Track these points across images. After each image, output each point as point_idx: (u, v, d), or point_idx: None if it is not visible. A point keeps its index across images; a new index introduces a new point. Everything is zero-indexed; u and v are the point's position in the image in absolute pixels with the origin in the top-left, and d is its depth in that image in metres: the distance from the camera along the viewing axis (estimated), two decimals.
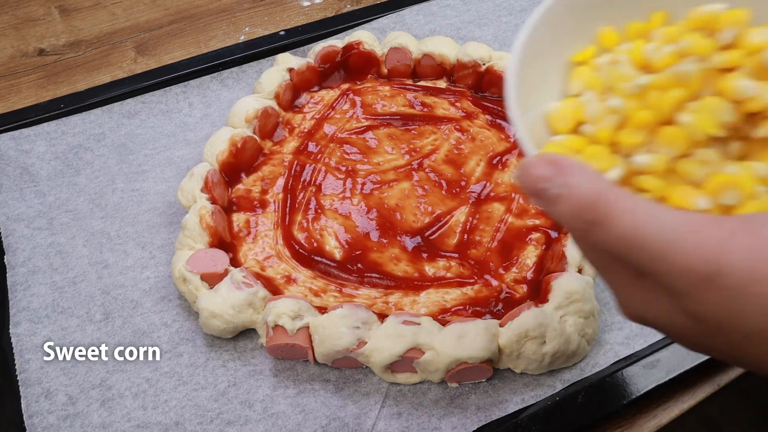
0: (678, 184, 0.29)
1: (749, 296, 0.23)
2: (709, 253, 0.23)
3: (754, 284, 0.23)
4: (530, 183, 0.26)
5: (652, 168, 0.30)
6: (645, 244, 0.24)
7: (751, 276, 0.23)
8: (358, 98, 0.65)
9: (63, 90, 0.70)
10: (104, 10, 0.81)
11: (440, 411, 0.45)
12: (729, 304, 0.23)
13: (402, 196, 0.56)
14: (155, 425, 0.45)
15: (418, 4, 0.76)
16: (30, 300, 0.52)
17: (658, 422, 0.45)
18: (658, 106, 0.30)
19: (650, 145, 0.31)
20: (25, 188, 0.60)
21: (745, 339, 0.24)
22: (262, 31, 0.77)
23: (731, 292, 0.23)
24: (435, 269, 0.51)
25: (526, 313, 0.45)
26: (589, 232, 0.25)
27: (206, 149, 0.57)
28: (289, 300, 0.47)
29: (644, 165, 0.30)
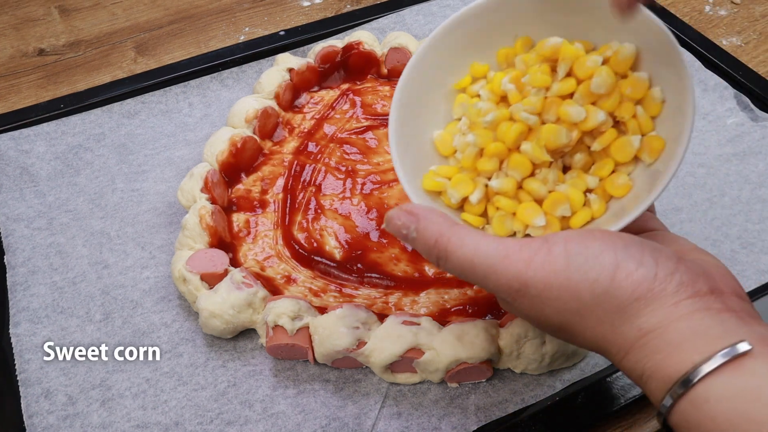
0: (526, 200, 0.37)
1: (546, 300, 0.32)
2: (516, 273, 0.32)
3: (548, 290, 0.32)
4: (395, 230, 0.35)
5: (503, 190, 0.37)
6: (474, 270, 0.33)
7: (545, 284, 0.32)
8: (358, 98, 0.65)
9: (63, 90, 0.70)
10: (104, 10, 0.81)
11: (440, 411, 0.45)
12: (536, 307, 0.33)
13: (402, 196, 0.56)
14: (155, 425, 0.45)
15: (418, 4, 0.76)
16: (30, 300, 0.52)
17: (657, 423, 0.45)
18: (504, 138, 0.37)
19: (504, 169, 0.38)
20: (25, 188, 0.60)
21: (554, 329, 0.34)
22: (262, 31, 0.77)
23: (535, 299, 0.32)
24: (435, 269, 0.51)
25: None
26: (439, 264, 0.34)
27: (206, 149, 0.57)
28: (289, 300, 0.47)
29: (497, 188, 0.37)
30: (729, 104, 0.64)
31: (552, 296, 0.32)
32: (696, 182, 0.58)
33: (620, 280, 0.31)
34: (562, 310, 0.32)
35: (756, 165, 0.59)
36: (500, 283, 0.32)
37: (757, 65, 0.69)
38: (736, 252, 0.53)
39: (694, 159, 0.60)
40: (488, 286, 0.33)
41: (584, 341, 0.33)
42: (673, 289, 0.31)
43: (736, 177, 0.58)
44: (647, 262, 0.31)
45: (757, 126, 0.62)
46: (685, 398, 0.29)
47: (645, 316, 0.31)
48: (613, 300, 0.31)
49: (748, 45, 0.72)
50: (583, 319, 0.32)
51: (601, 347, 0.33)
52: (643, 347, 0.31)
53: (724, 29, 0.74)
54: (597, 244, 0.32)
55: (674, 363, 0.30)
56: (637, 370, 0.31)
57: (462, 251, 0.33)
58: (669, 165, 0.35)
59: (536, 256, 0.32)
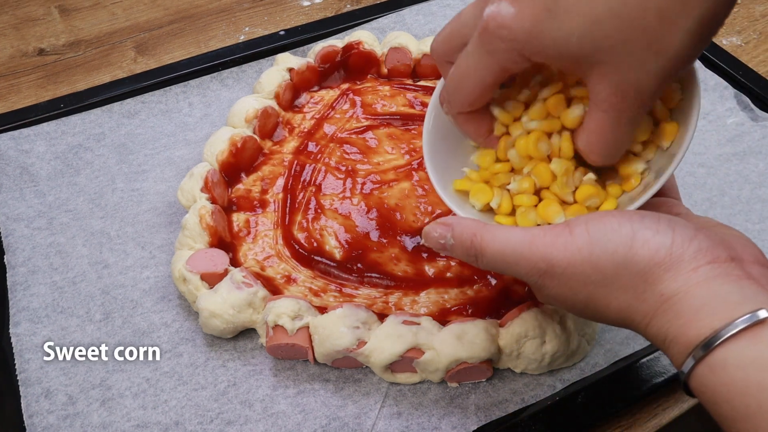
0: (548, 197, 0.39)
1: (572, 276, 0.34)
2: (542, 255, 0.34)
3: (571, 266, 0.34)
4: (434, 242, 0.39)
5: (521, 190, 0.40)
6: (506, 260, 0.36)
7: (569, 261, 0.34)
8: (358, 98, 0.65)
9: (63, 90, 0.70)
10: (104, 10, 0.81)
11: (440, 411, 0.45)
12: (563, 285, 0.35)
13: (402, 195, 0.56)
14: (155, 425, 0.45)
15: (418, 4, 0.76)
16: (30, 300, 0.52)
17: (658, 422, 0.45)
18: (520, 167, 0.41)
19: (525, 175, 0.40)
20: (25, 188, 0.60)
21: (583, 305, 0.35)
22: (262, 31, 0.77)
23: (561, 277, 0.34)
24: (435, 269, 0.51)
25: (526, 313, 0.45)
26: (478, 262, 0.37)
27: (206, 149, 0.57)
28: (289, 300, 0.47)
29: (515, 191, 0.40)
30: (729, 104, 0.64)
31: (576, 272, 0.34)
32: (696, 182, 0.58)
33: (638, 248, 0.32)
34: (587, 283, 0.34)
35: (756, 165, 0.59)
36: (529, 267, 0.35)
37: (757, 65, 0.69)
38: None
39: (694, 159, 0.60)
40: (520, 273, 0.36)
41: (610, 313, 0.34)
42: (691, 255, 0.32)
43: (736, 177, 0.58)
44: (663, 230, 0.32)
45: (757, 126, 0.62)
46: (704, 363, 0.30)
47: (666, 281, 0.32)
48: (632, 267, 0.32)
49: (748, 45, 0.72)
50: (607, 290, 0.33)
51: (627, 317, 0.34)
52: (666, 312, 0.32)
53: (724, 29, 0.74)
54: (615, 220, 0.33)
55: (694, 328, 0.30)
56: (661, 335, 0.32)
57: (494, 245, 0.36)
58: (680, 146, 0.37)
59: (559, 238, 0.34)
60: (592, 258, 0.33)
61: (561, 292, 0.35)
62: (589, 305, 0.35)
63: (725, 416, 0.29)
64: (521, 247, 0.35)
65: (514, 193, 0.40)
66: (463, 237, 0.37)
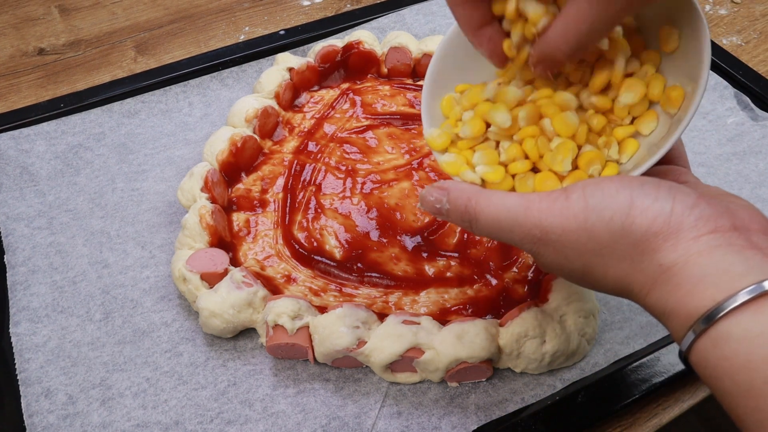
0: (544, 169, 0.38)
1: (566, 243, 0.33)
2: (537, 221, 0.33)
3: (566, 234, 0.33)
4: (429, 206, 0.37)
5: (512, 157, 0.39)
6: (501, 226, 0.34)
7: (563, 229, 0.33)
8: (358, 98, 0.65)
9: (63, 89, 0.70)
10: (104, 10, 0.81)
11: (440, 410, 0.45)
12: (558, 253, 0.34)
13: (402, 195, 0.56)
14: (155, 425, 0.45)
15: (418, 3, 0.76)
16: (30, 299, 0.52)
17: (658, 422, 0.45)
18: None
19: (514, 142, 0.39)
20: (25, 188, 0.60)
21: (579, 274, 0.34)
22: (261, 30, 0.77)
23: (556, 244, 0.33)
24: (435, 269, 0.51)
25: (526, 313, 0.45)
26: (472, 228, 0.36)
27: (206, 149, 0.57)
28: (289, 299, 0.47)
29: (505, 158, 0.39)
30: (729, 104, 0.64)
31: (571, 239, 0.32)
32: None
33: (635, 216, 0.31)
34: (582, 252, 0.33)
35: (756, 164, 0.59)
36: (523, 233, 0.34)
37: (757, 64, 0.69)
38: None
39: (695, 158, 0.60)
40: (514, 240, 0.35)
41: (608, 283, 0.33)
42: (691, 223, 0.30)
43: (736, 176, 0.58)
44: (663, 197, 0.31)
45: (757, 125, 0.62)
46: (706, 336, 0.29)
47: (664, 251, 0.30)
48: (629, 236, 0.31)
49: (749, 44, 0.72)
50: (603, 259, 0.32)
51: (625, 287, 0.33)
52: (665, 283, 0.30)
53: (725, 28, 0.74)
54: (613, 185, 0.32)
55: (696, 300, 0.29)
56: (660, 307, 0.31)
57: (489, 210, 0.35)
58: (687, 109, 0.36)
59: (555, 204, 0.33)
60: (588, 225, 0.32)
61: (556, 260, 0.34)
62: (586, 274, 0.34)
63: (727, 391, 0.28)
64: (516, 213, 0.34)
65: (506, 162, 0.39)
66: (458, 202, 0.36)
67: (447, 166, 0.40)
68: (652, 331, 0.48)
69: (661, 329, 0.48)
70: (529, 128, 0.38)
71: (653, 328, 0.49)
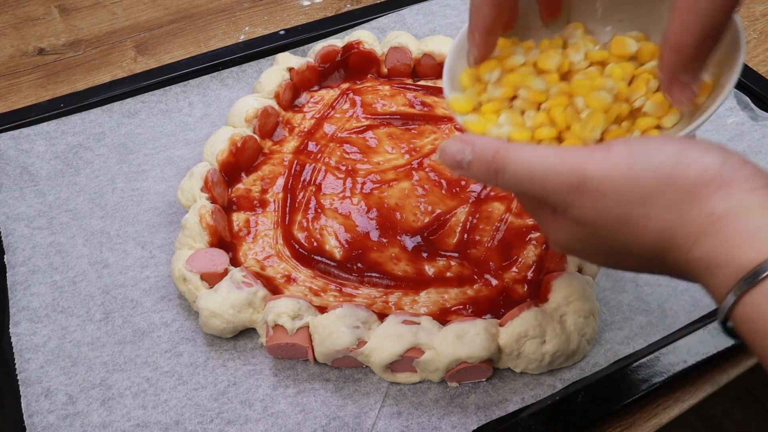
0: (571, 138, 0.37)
1: (607, 192, 0.30)
2: (574, 168, 0.31)
3: (607, 181, 0.30)
4: (449, 158, 0.34)
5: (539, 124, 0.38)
6: (532, 174, 0.32)
7: (604, 176, 0.30)
8: (358, 98, 0.65)
9: (63, 89, 0.70)
10: (104, 10, 0.81)
11: (440, 410, 0.45)
12: (596, 203, 0.31)
13: (402, 195, 0.56)
14: (155, 424, 0.45)
15: (418, 3, 0.76)
16: (30, 299, 0.52)
17: (658, 422, 0.45)
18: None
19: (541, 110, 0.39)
20: (25, 188, 0.60)
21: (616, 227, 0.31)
22: (262, 30, 0.77)
23: (595, 193, 0.31)
24: (435, 269, 0.51)
25: (526, 313, 0.45)
26: (497, 179, 0.33)
27: (206, 149, 0.57)
28: (289, 299, 0.47)
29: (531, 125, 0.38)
30: (729, 103, 0.64)
31: (612, 187, 0.30)
32: None
33: (685, 165, 0.29)
34: (623, 202, 0.30)
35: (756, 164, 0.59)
36: (558, 182, 0.31)
37: (758, 65, 0.69)
38: None
39: None
40: (546, 191, 0.32)
41: (648, 236, 0.31)
42: (744, 176, 0.29)
43: None
44: (713, 151, 0.30)
45: (757, 125, 0.62)
46: (758, 288, 0.27)
47: (717, 199, 0.29)
48: (678, 184, 0.29)
49: (749, 44, 0.72)
50: (646, 209, 0.30)
51: (667, 240, 0.30)
52: (717, 233, 0.29)
53: None
54: (659, 139, 0.31)
55: (751, 250, 0.28)
56: (706, 260, 0.29)
57: (520, 158, 0.32)
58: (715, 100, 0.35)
59: (595, 152, 0.31)
60: (632, 173, 0.30)
61: (592, 213, 0.31)
62: (621, 229, 0.31)
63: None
64: (551, 160, 0.31)
65: (531, 128, 0.38)
66: (485, 151, 0.33)
67: (471, 125, 0.39)
68: (652, 331, 0.48)
69: (661, 329, 0.48)
70: (559, 97, 0.38)
71: (653, 328, 0.49)
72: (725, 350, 0.46)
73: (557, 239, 0.36)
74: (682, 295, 0.50)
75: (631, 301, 0.50)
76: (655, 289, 0.51)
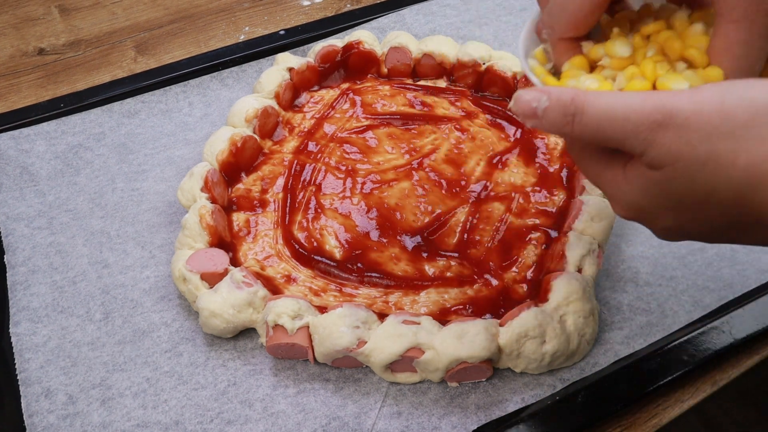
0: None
1: (693, 126, 0.29)
2: (660, 103, 0.29)
3: (696, 115, 0.29)
4: (524, 105, 0.33)
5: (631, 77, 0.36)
6: (614, 116, 0.30)
7: (693, 110, 0.29)
8: (358, 98, 0.65)
9: (63, 89, 0.70)
10: (104, 10, 0.81)
11: (440, 410, 0.45)
12: (680, 139, 0.29)
13: (402, 195, 0.56)
14: (155, 424, 0.45)
15: (418, 3, 0.76)
16: (30, 299, 0.52)
17: (658, 422, 0.45)
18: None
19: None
20: (25, 188, 0.60)
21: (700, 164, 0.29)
22: (262, 30, 0.77)
23: (680, 129, 0.29)
24: (435, 269, 0.51)
25: (526, 313, 0.45)
26: (572, 125, 0.32)
27: (206, 149, 0.57)
28: (289, 299, 0.47)
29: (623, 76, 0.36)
30: None
31: (701, 121, 0.29)
32: None
33: None
34: (712, 136, 0.28)
35: None
36: (641, 119, 0.30)
37: None
38: (736, 251, 0.53)
39: None
40: (626, 130, 0.30)
41: (735, 174, 0.29)
42: None
43: None
44: None
45: None
46: None
47: None
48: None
49: None
50: (736, 143, 0.28)
51: (757, 176, 0.28)
52: None
53: None
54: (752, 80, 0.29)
55: None
56: None
57: (599, 101, 0.31)
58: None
59: (682, 92, 0.30)
60: (724, 107, 0.28)
61: (672, 152, 0.29)
62: (704, 169, 0.29)
63: None
64: (634, 100, 0.30)
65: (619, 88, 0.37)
66: (562, 96, 0.32)
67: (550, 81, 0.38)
68: (652, 331, 0.48)
69: (661, 329, 0.48)
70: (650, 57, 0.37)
71: (653, 328, 0.49)
72: (725, 350, 0.46)
73: (625, 198, 0.33)
74: (682, 295, 0.50)
75: (631, 301, 0.50)
76: (655, 289, 0.51)
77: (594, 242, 0.49)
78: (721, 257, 0.52)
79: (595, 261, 0.49)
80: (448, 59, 0.65)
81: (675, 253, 0.53)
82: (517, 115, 0.34)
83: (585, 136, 0.32)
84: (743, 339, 0.47)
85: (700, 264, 0.52)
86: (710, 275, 0.52)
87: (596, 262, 0.49)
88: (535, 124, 0.33)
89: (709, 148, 0.29)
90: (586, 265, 0.49)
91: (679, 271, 0.52)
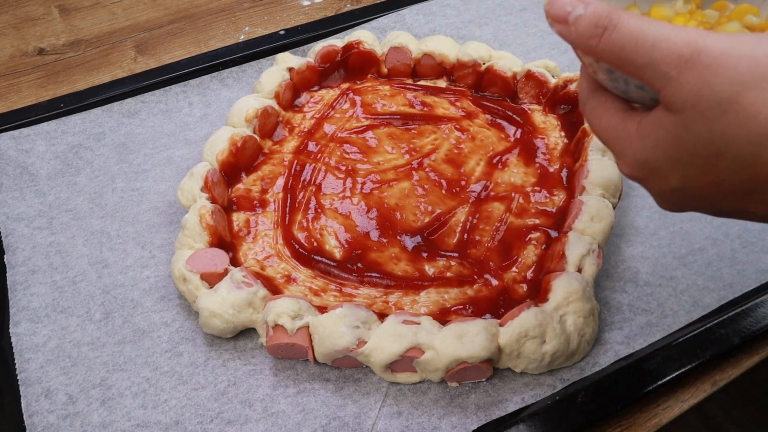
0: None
1: (719, 69, 0.27)
2: (690, 39, 0.28)
3: (724, 57, 0.27)
4: (557, 9, 0.31)
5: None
6: (643, 38, 0.29)
7: (722, 51, 0.27)
8: (358, 98, 0.65)
9: (63, 89, 0.70)
10: (104, 10, 0.81)
11: (440, 410, 0.45)
12: (703, 80, 0.28)
13: (402, 195, 0.56)
14: (155, 424, 0.45)
15: (418, 3, 0.76)
16: (30, 299, 0.52)
17: (658, 422, 0.45)
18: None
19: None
20: (25, 188, 0.60)
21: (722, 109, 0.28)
22: (262, 30, 0.77)
23: (705, 69, 0.28)
24: (435, 269, 0.51)
25: (526, 313, 0.45)
26: (600, 38, 0.30)
27: (206, 149, 0.57)
28: (289, 299, 0.47)
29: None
30: None
31: (728, 64, 0.27)
32: None
33: None
34: (736, 82, 0.27)
35: None
36: (669, 50, 0.28)
37: None
38: (736, 251, 0.53)
39: None
40: (652, 57, 0.29)
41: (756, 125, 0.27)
42: None
43: None
44: None
45: None
46: None
47: None
48: None
49: None
50: (762, 93, 0.27)
51: None
52: None
53: None
54: None
55: None
56: None
57: (633, 21, 0.30)
58: None
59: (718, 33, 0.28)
60: (755, 53, 0.27)
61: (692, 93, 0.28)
62: (724, 116, 0.28)
63: None
64: (667, 30, 0.29)
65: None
66: (598, 9, 0.30)
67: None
68: (652, 331, 0.49)
69: (661, 329, 0.48)
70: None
71: (653, 328, 0.49)
72: (725, 350, 0.46)
73: (635, 155, 0.32)
74: (682, 295, 0.50)
75: (631, 301, 0.50)
76: (655, 289, 0.51)
77: (594, 242, 0.49)
78: (721, 257, 0.53)
79: (595, 261, 0.49)
80: (448, 59, 0.65)
81: (675, 253, 0.53)
82: (548, 16, 0.32)
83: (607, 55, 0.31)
84: (743, 339, 0.47)
85: (700, 264, 0.52)
86: (710, 275, 0.52)
87: (596, 262, 0.49)
88: (562, 30, 0.31)
89: (732, 94, 0.27)
90: (586, 265, 0.49)
91: (679, 271, 0.52)
